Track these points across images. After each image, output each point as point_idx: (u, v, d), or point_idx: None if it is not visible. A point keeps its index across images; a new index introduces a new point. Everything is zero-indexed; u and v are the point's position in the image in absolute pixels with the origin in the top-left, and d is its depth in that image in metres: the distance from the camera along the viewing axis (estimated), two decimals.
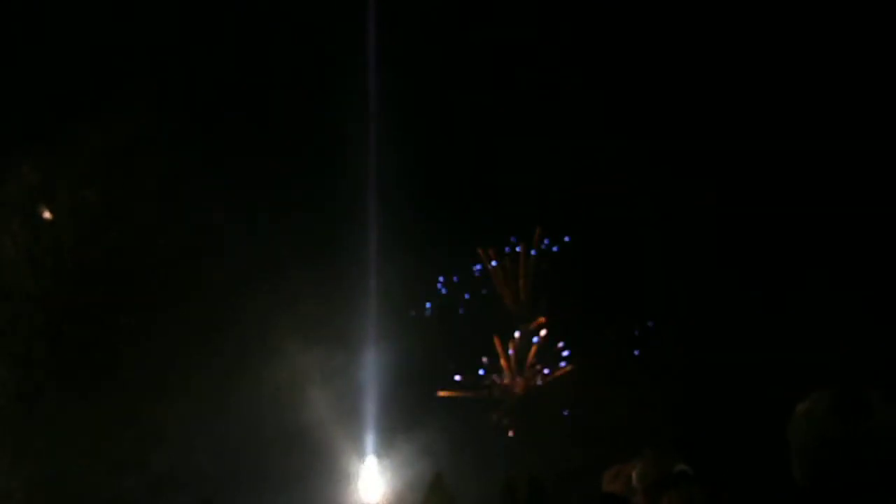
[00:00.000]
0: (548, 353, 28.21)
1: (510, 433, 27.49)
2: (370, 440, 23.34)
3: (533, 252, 29.04)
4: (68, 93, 19.31)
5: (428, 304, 28.91)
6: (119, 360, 17.42)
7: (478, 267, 29.42)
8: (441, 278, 28.88)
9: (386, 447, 23.51)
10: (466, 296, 29.42)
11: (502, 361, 28.76)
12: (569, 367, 26.90)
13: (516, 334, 28.55)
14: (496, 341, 28.68)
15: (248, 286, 20.45)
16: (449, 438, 22.46)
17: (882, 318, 19.45)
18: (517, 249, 29.26)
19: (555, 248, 28.77)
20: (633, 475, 3.18)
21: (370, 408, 23.43)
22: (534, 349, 28.41)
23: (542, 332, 28.19)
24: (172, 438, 18.16)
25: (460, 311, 29.21)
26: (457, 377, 28.53)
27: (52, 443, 16.40)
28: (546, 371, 27.93)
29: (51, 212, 17.11)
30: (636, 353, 21.93)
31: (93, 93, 19.32)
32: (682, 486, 3.06)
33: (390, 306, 25.14)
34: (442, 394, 27.85)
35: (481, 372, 28.91)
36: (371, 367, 23.86)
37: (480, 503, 23.26)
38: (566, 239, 28.19)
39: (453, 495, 23.48)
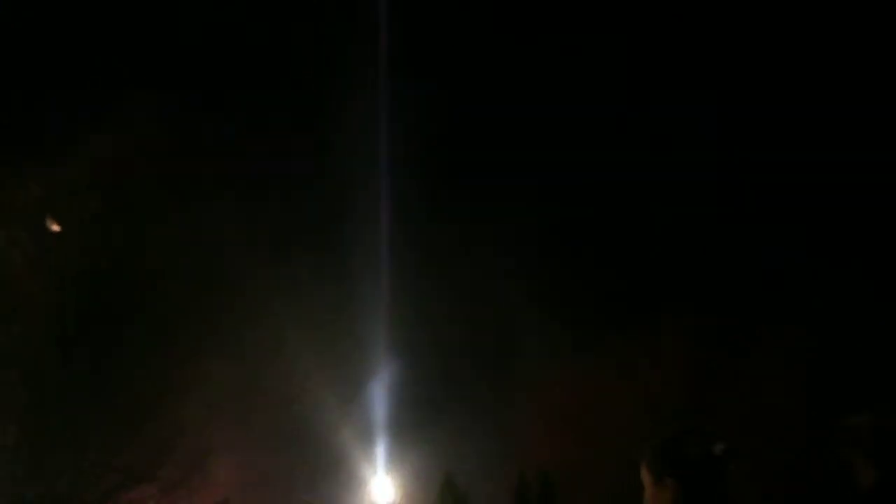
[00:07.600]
0: None
1: None
2: (381, 442, 23.34)
3: None
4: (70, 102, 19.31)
5: None
6: (130, 367, 17.42)
7: None
8: None
9: (397, 448, 23.52)
10: None
11: None
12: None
13: None
14: None
15: (257, 283, 20.36)
16: (460, 437, 22.46)
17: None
18: None
19: None
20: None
21: (381, 410, 23.44)
22: None
23: None
24: (187, 443, 18.18)
25: None
26: None
27: (64, 447, 16.48)
28: None
29: (57, 223, 17.09)
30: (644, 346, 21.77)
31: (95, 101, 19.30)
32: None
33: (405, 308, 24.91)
34: None
35: None
36: (382, 371, 23.87)
37: (492, 502, 23.26)
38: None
39: (465, 494, 23.48)
